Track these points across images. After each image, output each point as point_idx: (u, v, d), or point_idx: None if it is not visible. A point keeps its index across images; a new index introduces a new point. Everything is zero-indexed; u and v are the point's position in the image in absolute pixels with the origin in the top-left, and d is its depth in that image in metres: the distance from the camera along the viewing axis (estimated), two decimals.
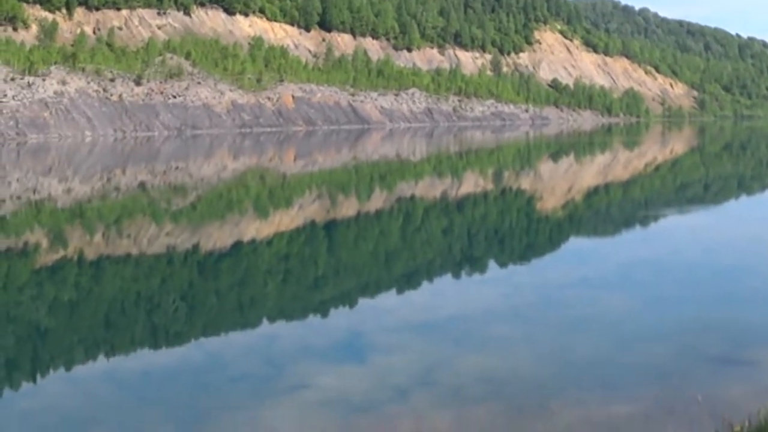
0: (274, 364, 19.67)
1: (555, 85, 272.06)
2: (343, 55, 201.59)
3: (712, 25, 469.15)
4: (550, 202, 54.04)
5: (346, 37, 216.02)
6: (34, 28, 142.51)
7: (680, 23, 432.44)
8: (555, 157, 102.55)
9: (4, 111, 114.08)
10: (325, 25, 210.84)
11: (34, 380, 19.70)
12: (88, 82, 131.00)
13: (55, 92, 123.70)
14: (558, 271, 30.66)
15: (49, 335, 24.62)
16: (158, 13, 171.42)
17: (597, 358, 18.79)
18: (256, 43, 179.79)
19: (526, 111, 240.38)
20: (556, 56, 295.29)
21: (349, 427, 15.07)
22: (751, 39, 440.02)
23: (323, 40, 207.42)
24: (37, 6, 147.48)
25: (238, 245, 37.62)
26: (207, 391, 17.64)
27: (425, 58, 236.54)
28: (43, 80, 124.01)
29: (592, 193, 60.52)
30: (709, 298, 24.80)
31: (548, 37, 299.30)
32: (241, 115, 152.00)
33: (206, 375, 19.30)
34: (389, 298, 27.47)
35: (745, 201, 57.29)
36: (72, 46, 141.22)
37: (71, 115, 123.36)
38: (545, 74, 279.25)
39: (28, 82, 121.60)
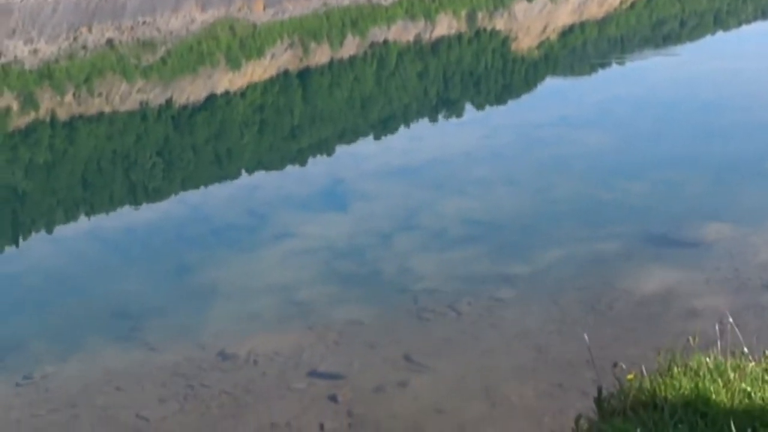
0: (255, 214, 19.67)
1: None
2: None
3: None
4: (525, 42, 53.35)
5: None
6: None
7: None
8: None
9: None
10: None
11: (17, 243, 19.68)
12: None
13: None
14: (536, 112, 30.48)
15: (27, 198, 24.50)
16: None
17: (577, 196, 18.84)
18: None
19: None
20: None
21: (333, 273, 15.15)
22: None
23: None
24: None
25: (211, 98, 37.15)
26: (190, 244, 17.68)
27: None
28: None
29: (568, 32, 59.72)
30: (687, 134, 24.78)
31: None
32: None
33: (188, 228, 19.35)
34: (367, 145, 27.34)
35: (721, 37, 56.79)
36: None
37: None
38: None
39: None
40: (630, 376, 7.17)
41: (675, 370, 7.29)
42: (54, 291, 15.61)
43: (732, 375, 7.08)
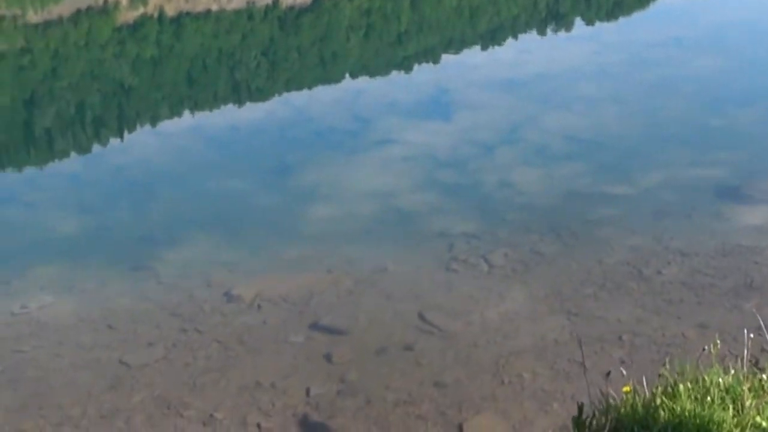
0: (358, 119, 19.57)
1: None
2: None
3: None
4: None
5: None
6: None
7: None
8: None
9: None
10: None
11: (122, 137, 20.01)
12: None
13: None
14: (647, 31, 29.48)
15: (133, 92, 24.85)
16: None
17: (684, 119, 18.21)
18: None
19: None
20: None
21: (433, 181, 14.99)
22: None
23: None
24: None
25: (318, 0, 36.86)
26: (292, 145, 17.69)
27: None
28: None
29: None
30: None
31: None
32: None
33: (291, 129, 19.35)
34: (474, 55, 26.88)
35: None
36: None
37: None
38: None
39: None
40: (626, 388, 6.01)
41: (680, 387, 5.88)
42: (145, 187, 15.79)
43: (749, 402, 5.68)
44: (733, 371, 6.10)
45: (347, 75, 25.13)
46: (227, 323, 9.78)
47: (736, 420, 5.56)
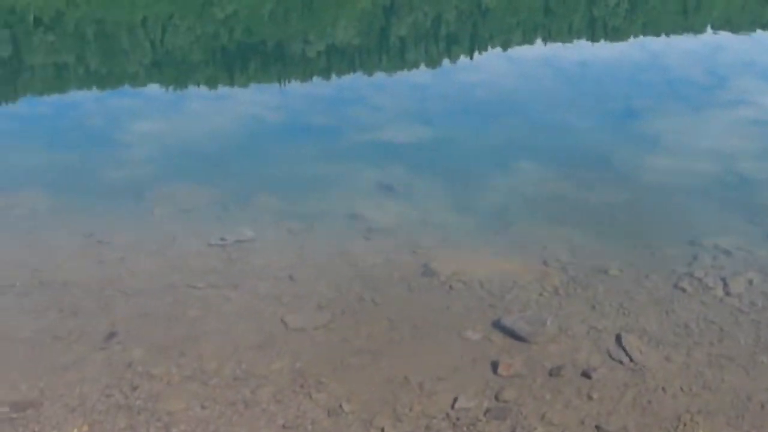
0: (712, 74, 18.49)
1: None
2: None
3: None
4: None
5: None
6: None
7: None
8: None
9: None
10: None
11: (471, 56, 20.27)
12: None
13: None
14: None
15: (489, 14, 25.01)
16: None
17: None
18: None
19: None
20: None
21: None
22: None
23: None
24: None
25: None
26: (640, 90, 17.05)
27: None
28: None
29: None
30: None
31: None
32: None
33: (642, 74, 18.67)
34: None
35: None
36: None
37: None
38: None
39: None
40: None
41: None
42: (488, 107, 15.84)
43: None
44: None
45: (708, 27, 23.82)
46: (408, 300, 8.65)
47: None
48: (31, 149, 13.45)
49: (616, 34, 23.19)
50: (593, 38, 22.54)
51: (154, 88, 18.07)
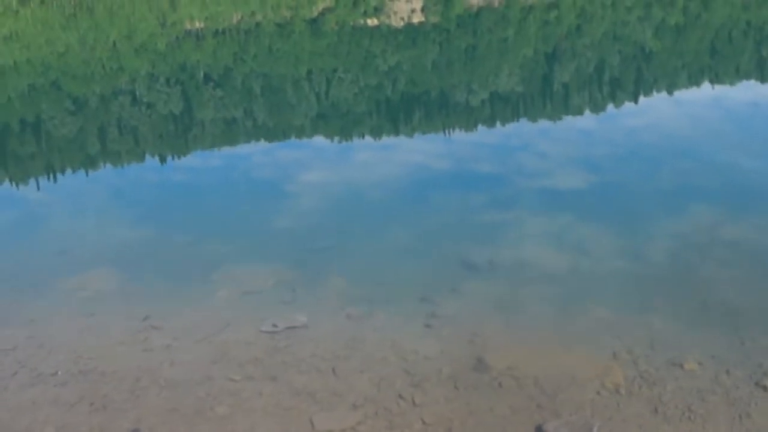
0: None
1: None
2: None
3: None
4: None
5: None
6: None
7: None
8: None
9: None
10: None
11: (636, 100, 19.90)
12: None
13: None
14: None
15: (654, 57, 24.57)
16: None
17: None
18: None
19: None
20: None
21: None
22: None
23: None
24: None
25: None
26: None
27: None
28: None
29: None
30: None
31: None
32: None
33: None
34: None
35: None
36: None
37: None
38: None
39: None
40: None
41: None
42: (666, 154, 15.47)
43: None
44: None
45: None
46: (451, 400, 7.68)
47: None
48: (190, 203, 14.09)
49: None
50: (762, 79, 21.80)
51: (319, 140, 18.53)
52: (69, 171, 17.25)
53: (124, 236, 12.35)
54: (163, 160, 18.09)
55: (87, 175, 16.99)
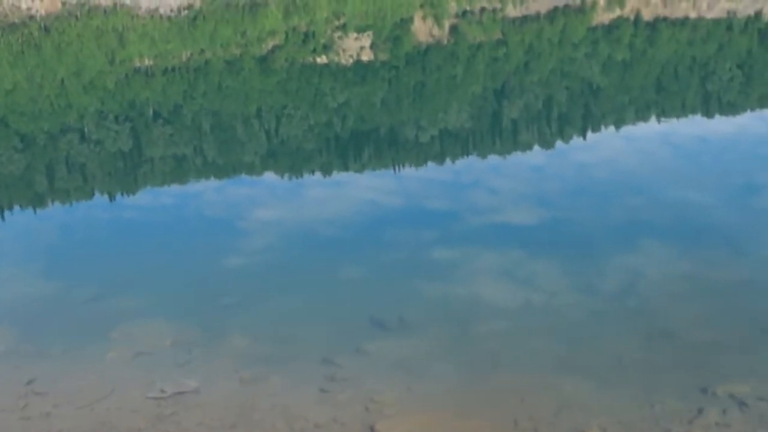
0: None
1: None
2: None
3: None
4: None
5: None
6: None
7: None
8: None
9: None
10: None
11: (584, 136, 20.07)
12: None
13: None
14: None
15: (601, 93, 24.84)
16: None
17: None
18: None
19: None
20: None
21: None
22: None
23: None
24: None
25: None
26: (763, 165, 16.58)
27: None
28: None
29: None
30: None
31: None
32: None
33: (763, 147, 18.18)
34: None
35: None
36: None
37: None
38: None
39: None
40: None
41: None
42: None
43: None
44: None
45: None
46: None
47: None
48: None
49: (732, 108, 22.70)
50: (708, 114, 22.12)
51: (270, 177, 18.43)
52: (17, 209, 16.99)
53: (25, 289, 11.59)
54: (111, 197, 17.86)
55: (35, 212, 16.74)
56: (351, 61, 30.70)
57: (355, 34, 35.25)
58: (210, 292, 11.12)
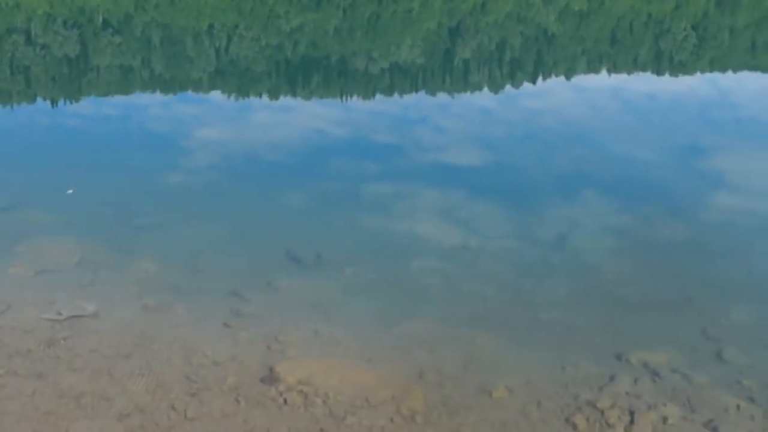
0: None
1: None
2: None
3: None
4: None
5: None
6: None
7: None
8: None
9: None
10: None
11: (534, 82, 20.06)
12: None
13: None
14: None
15: (555, 41, 24.79)
16: None
17: None
18: None
19: None
20: None
21: None
22: None
23: None
24: None
25: None
26: (707, 127, 16.66)
27: None
28: None
29: None
30: None
31: None
32: None
33: (709, 110, 18.29)
34: None
35: None
36: None
37: None
38: None
39: None
40: None
41: None
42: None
43: None
44: None
45: None
46: (226, 417, 6.74)
47: None
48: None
49: (683, 68, 22.87)
50: (659, 71, 22.26)
51: (216, 96, 18.18)
52: None
53: None
54: (54, 103, 17.48)
55: None
56: None
57: None
58: (130, 211, 10.72)
